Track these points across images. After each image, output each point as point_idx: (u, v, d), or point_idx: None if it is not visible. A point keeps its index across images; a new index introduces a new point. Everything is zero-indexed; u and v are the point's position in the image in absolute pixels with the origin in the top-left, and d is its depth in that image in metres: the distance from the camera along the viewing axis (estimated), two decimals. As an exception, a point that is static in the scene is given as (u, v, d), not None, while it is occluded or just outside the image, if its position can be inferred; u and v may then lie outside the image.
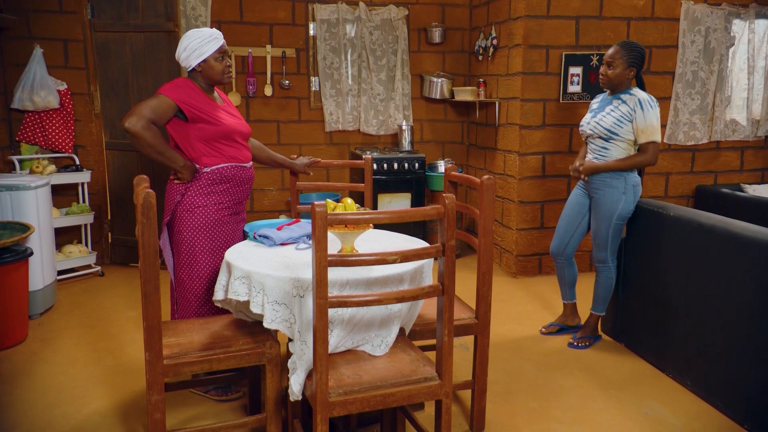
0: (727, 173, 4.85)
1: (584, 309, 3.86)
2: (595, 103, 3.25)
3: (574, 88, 4.37)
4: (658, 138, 3.01)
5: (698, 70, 4.59)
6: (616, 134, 3.03)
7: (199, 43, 2.50)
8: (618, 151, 3.06)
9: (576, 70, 4.34)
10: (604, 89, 3.19)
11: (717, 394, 2.64)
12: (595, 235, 3.17)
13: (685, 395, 2.77)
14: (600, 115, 3.10)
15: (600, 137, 3.09)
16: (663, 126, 4.61)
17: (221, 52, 2.55)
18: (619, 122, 3.02)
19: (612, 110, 3.06)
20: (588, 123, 3.16)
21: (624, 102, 3.04)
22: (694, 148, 4.73)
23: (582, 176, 3.16)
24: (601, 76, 3.11)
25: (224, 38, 2.59)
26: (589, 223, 3.26)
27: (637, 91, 3.06)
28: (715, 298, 2.63)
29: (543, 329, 3.46)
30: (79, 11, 4.41)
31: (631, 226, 3.18)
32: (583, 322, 3.44)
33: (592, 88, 4.39)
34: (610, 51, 3.07)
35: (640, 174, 3.17)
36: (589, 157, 3.20)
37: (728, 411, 2.58)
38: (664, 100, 4.58)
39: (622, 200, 3.07)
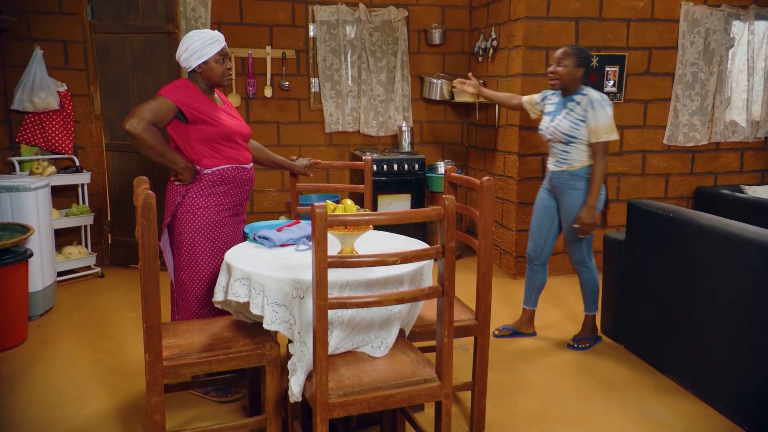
0: (727, 174, 4.85)
1: (583, 314, 3.87)
2: (550, 104, 3.23)
3: (574, 89, 4.36)
4: (610, 137, 3.02)
5: (698, 72, 4.60)
6: (575, 137, 3.06)
7: (200, 45, 2.50)
8: (579, 154, 3.08)
9: (576, 72, 4.34)
10: (555, 89, 3.18)
11: (717, 396, 2.64)
12: (569, 238, 3.19)
13: (686, 397, 2.76)
14: (557, 120, 3.11)
15: (560, 141, 3.11)
16: (662, 127, 4.61)
17: (222, 55, 2.55)
18: (576, 125, 3.05)
19: (567, 113, 3.08)
20: (546, 128, 3.17)
21: (577, 103, 3.06)
22: (693, 149, 4.73)
23: (588, 232, 3.11)
24: (550, 74, 3.12)
25: (224, 40, 2.59)
26: (560, 225, 3.26)
27: (589, 91, 3.08)
28: (715, 299, 2.63)
29: (496, 331, 3.41)
30: (79, 12, 4.41)
31: (631, 227, 3.18)
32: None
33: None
34: (559, 51, 3.10)
35: None
36: (551, 160, 3.22)
37: (728, 412, 2.57)
38: (663, 102, 4.58)
39: (572, 199, 3.11)
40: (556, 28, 4.27)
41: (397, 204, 4.78)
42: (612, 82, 4.42)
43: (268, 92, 4.84)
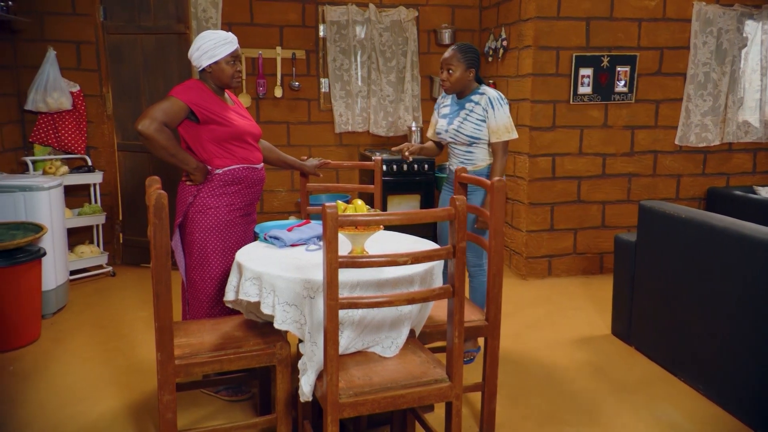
0: (740, 175, 4.81)
1: (595, 314, 3.85)
2: (444, 106, 3.16)
3: (585, 89, 4.35)
4: (511, 136, 2.98)
5: (710, 72, 4.56)
6: (478, 138, 3.01)
7: (213, 45, 2.51)
8: (482, 153, 3.04)
9: (586, 72, 4.33)
10: (450, 94, 3.10)
11: (730, 399, 2.62)
12: (470, 239, 3.06)
13: (698, 399, 2.74)
14: (457, 122, 3.04)
15: (462, 143, 3.06)
16: (674, 128, 4.58)
17: (233, 57, 2.56)
18: (478, 126, 2.99)
19: (467, 115, 3.01)
20: (446, 131, 3.10)
21: (476, 103, 3.00)
22: (705, 149, 4.69)
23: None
24: (442, 82, 3.04)
25: (237, 42, 2.60)
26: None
27: (486, 89, 3.02)
28: (728, 301, 2.61)
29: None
30: (91, 14, 4.45)
31: (643, 228, 3.16)
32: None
33: (603, 89, 4.37)
34: (447, 55, 3.00)
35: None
36: (453, 161, 3.15)
37: (741, 415, 2.55)
38: (675, 102, 4.55)
39: (475, 198, 3.03)
40: (567, 28, 4.25)
41: (406, 204, 4.78)
42: (623, 83, 4.40)
43: (278, 92, 4.85)
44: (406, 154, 3.11)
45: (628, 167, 4.55)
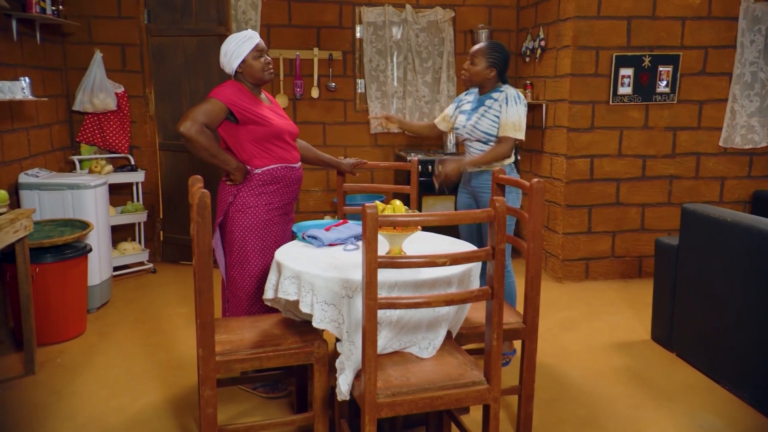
0: (788, 178, 4.65)
1: (634, 319, 3.78)
2: (467, 103, 3.14)
3: (625, 90, 4.27)
4: (516, 135, 2.92)
5: (758, 71, 4.42)
6: (494, 135, 2.97)
7: (236, 45, 2.58)
8: None
9: (627, 72, 4.24)
10: (466, 86, 3.11)
11: (776, 409, 2.54)
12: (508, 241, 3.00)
13: (742, 408, 2.66)
14: (475, 118, 3.01)
15: (479, 140, 3.02)
16: (718, 129, 4.45)
17: (258, 50, 2.60)
18: (494, 123, 2.96)
19: (485, 112, 2.98)
20: (464, 127, 3.06)
21: (495, 100, 2.98)
22: (751, 151, 4.55)
23: (441, 180, 2.97)
24: (462, 72, 3.04)
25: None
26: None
27: (507, 88, 2.99)
28: (776, 308, 2.53)
29: None
30: (136, 17, 4.57)
31: (685, 231, 3.08)
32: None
33: (644, 90, 4.28)
34: (475, 47, 3.01)
35: (518, 171, 3.02)
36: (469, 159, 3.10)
37: (788, 426, 2.47)
38: (719, 102, 4.42)
39: (508, 200, 2.96)
40: (607, 28, 4.17)
41: (441, 205, 4.76)
42: (665, 83, 4.30)
43: (314, 93, 4.90)
44: (389, 122, 3.38)
45: (669, 169, 4.45)
